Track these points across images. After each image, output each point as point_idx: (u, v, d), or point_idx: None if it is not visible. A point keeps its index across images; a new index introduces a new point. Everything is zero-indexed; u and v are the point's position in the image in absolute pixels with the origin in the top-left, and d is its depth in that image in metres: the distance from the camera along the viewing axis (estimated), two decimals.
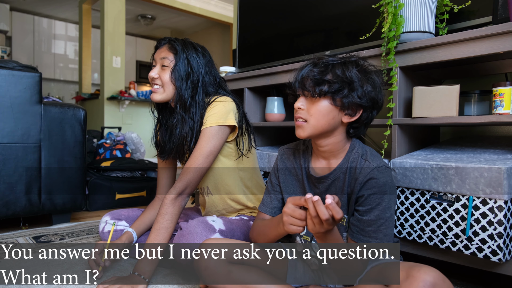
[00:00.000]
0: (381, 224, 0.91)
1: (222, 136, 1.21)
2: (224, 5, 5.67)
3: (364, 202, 0.92)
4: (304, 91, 0.93)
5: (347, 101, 0.91)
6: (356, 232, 0.93)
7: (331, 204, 0.74)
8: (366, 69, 0.95)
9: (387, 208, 0.91)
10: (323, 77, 0.91)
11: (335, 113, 0.93)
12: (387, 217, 0.91)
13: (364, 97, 0.91)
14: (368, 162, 0.94)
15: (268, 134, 2.00)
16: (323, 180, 1.00)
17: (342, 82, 0.90)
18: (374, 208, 0.90)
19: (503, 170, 1.01)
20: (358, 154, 0.96)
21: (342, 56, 0.97)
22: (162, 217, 1.15)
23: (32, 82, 1.76)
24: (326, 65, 0.93)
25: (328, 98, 0.91)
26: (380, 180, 0.91)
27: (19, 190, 1.73)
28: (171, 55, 1.23)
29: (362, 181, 0.92)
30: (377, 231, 0.91)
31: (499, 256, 1.03)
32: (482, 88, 1.41)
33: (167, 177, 1.43)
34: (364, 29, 1.47)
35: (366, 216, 0.91)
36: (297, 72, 0.96)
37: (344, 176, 0.97)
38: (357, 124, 0.96)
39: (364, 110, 0.94)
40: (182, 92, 1.22)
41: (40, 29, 6.30)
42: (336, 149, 0.98)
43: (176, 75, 1.22)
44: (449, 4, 1.33)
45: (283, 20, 2.00)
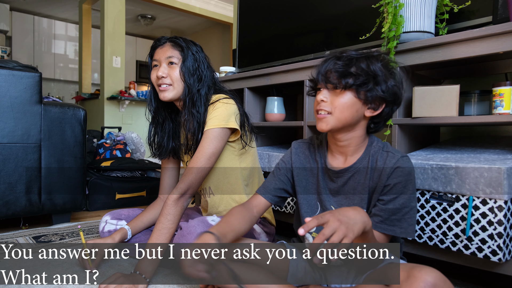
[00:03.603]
0: (406, 213, 0.92)
1: (223, 138, 1.22)
2: (224, 5, 5.67)
3: (389, 191, 0.93)
4: (328, 83, 0.93)
5: (371, 95, 0.92)
6: (380, 222, 0.93)
7: (316, 239, 0.73)
8: (389, 64, 0.96)
9: (412, 197, 0.93)
10: (348, 69, 0.91)
11: (359, 106, 0.93)
12: (412, 206, 0.93)
13: (388, 91, 0.92)
14: (391, 153, 0.95)
15: (268, 134, 2.00)
16: (343, 173, 1.00)
17: (367, 75, 0.91)
18: (399, 197, 0.92)
19: (503, 170, 1.01)
20: (378, 147, 0.98)
21: (365, 51, 0.98)
22: (164, 218, 1.15)
23: (32, 82, 1.76)
24: (350, 59, 0.93)
25: (352, 91, 0.92)
26: (406, 169, 0.92)
27: (19, 190, 1.73)
28: (177, 52, 1.24)
29: (389, 172, 0.93)
30: (402, 220, 0.92)
31: (499, 256, 1.03)
32: (482, 88, 1.41)
33: (170, 178, 1.43)
34: (364, 29, 1.47)
35: (391, 205, 0.92)
36: (320, 65, 0.96)
37: (365, 169, 0.97)
38: (378, 119, 0.98)
39: (387, 105, 0.95)
40: (191, 87, 1.24)
41: (40, 29, 6.30)
42: (355, 144, 0.99)
43: (186, 70, 1.23)
44: (449, 4, 1.33)
45: (283, 20, 2.00)
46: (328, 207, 1.03)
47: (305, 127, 1.62)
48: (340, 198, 1.02)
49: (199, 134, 1.23)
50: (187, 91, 1.24)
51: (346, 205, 1.02)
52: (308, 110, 1.62)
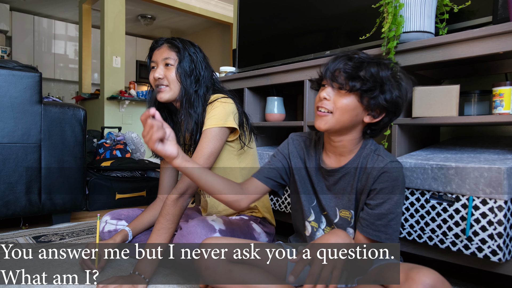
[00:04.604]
0: (391, 219, 0.91)
1: (222, 137, 1.22)
2: (224, 5, 5.67)
3: (376, 196, 0.92)
4: (334, 82, 0.92)
5: (374, 102, 0.91)
6: (366, 226, 0.93)
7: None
8: (397, 74, 0.95)
9: (398, 203, 0.92)
10: (357, 72, 0.90)
11: (359, 111, 0.93)
12: (397, 212, 0.92)
13: (391, 102, 0.91)
14: (381, 157, 0.94)
15: (268, 134, 2.00)
16: (334, 173, 1.00)
17: (375, 82, 0.90)
18: (386, 202, 0.91)
19: (503, 170, 1.01)
20: (370, 150, 0.97)
21: (376, 55, 0.97)
22: (163, 218, 1.15)
23: (32, 82, 1.76)
24: (361, 62, 0.91)
25: (356, 95, 0.91)
26: (393, 174, 0.91)
27: (19, 190, 1.73)
28: (174, 54, 1.25)
29: (376, 175, 0.92)
30: (387, 226, 0.91)
31: (499, 256, 1.03)
32: (482, 88, 1.41)
33: (169, 178, 1.43)
34: (364, 29, 1.47)
35: (377, 210, 0.92)
36: (330, 62, 0.94)
37: (355, 171, 0.97)
38: (376, 126, 0.97)
39: (387, 114, 0.94)
40: (187, 87, 1.24)
41: (40, 29, 6.30)
42: (348, 146, 0.98)
43: (182, 72, 1.24)
44: (449, 4, 1.32)
45: (283, 20, 2.00)
46: (324, 202, 1.04)
47: (305, 127, 1.62)
48: (331, 196, 1.03)
49: (197, 134, 1.23)
50: (184, 92, 1.24)
51: (336, 204, 1.02)
52: (308, 110, 1.62)
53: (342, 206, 1.01)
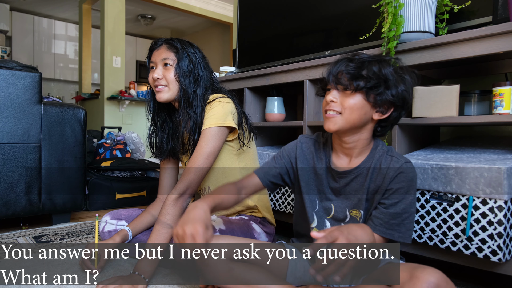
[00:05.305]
0: (405, 218, 0.93)
1: (221, 136, 1.22)
2: (224, 5, 5.67)
3: (391, 196, 0.94)
4: (338, 84, 0.94)
5: (381, 98, 0.93)
6: (379, 225, 0.94)
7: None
8: (400, 68, 0.97)
9: (412, 203, 0.94)
10: (360, 72, 0.92)
11: (367, 109, 0.94)
12: (411, 211, 0.94)
13: (397, 96, 0.93)
14: (395, 158, 0.96)
15: (268, 134, 2.00)
16: (346, 174, 1.00)
17: (378, 79, 0.92)
18: (400, 202, 0.93)
19: (503, 170, 1.01)
20: (383, 151, 0.99)
21: (376, 54, 0.99)
22: (163, 218, 1.15)
23: (32, 82, 1.76)
24: (362, 61, 0.94)
25: (362, 93, 0.93)
26: (409, 175, 0.94)
27: (19, 190, 1.73)
28: (172, 54, 1.25)
29: (393, 176, 0.94)
30: (401, 225, 0.93)
31: (499, 256, 1.03)
32: (482, 88, 1.41)
33: (169, 178, 1.43)
34: (364, 29, 1.47)
35: (392, 209, 0.93)
36: (332, 65, 0.97)
37: (367, 171, 0.98)
38: (386, 123, 0.99)
39: (395, 109, 0.96)
40: (186, 88, 1.24)
41: (40, 29, 6.30)
42: (360, 146, 1.00)
43: (180, 72, 1.24)
44: (449, 4, 1.33)
45: (283, 20, 2.00)
46: (327, 205, 1.04)
47: (305, 127, 1.62)
48: (341, 198, 1.03)
49: (196, 134, 1.23)
50: (183, 92, 1.25)
51: (344, 205, 1.02)
52: (308, 110, 1.62)
53: (352, 206, 1.02)
